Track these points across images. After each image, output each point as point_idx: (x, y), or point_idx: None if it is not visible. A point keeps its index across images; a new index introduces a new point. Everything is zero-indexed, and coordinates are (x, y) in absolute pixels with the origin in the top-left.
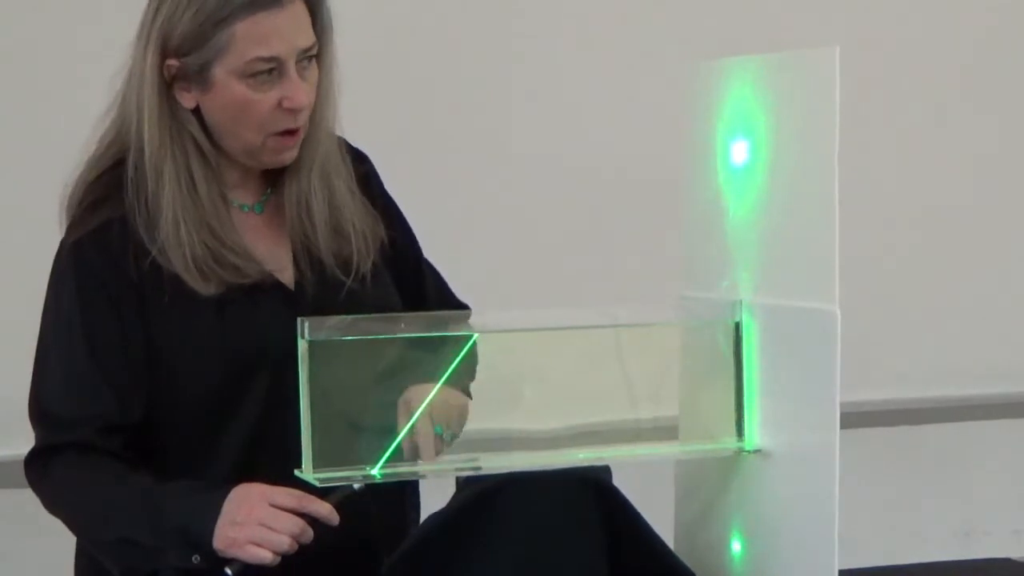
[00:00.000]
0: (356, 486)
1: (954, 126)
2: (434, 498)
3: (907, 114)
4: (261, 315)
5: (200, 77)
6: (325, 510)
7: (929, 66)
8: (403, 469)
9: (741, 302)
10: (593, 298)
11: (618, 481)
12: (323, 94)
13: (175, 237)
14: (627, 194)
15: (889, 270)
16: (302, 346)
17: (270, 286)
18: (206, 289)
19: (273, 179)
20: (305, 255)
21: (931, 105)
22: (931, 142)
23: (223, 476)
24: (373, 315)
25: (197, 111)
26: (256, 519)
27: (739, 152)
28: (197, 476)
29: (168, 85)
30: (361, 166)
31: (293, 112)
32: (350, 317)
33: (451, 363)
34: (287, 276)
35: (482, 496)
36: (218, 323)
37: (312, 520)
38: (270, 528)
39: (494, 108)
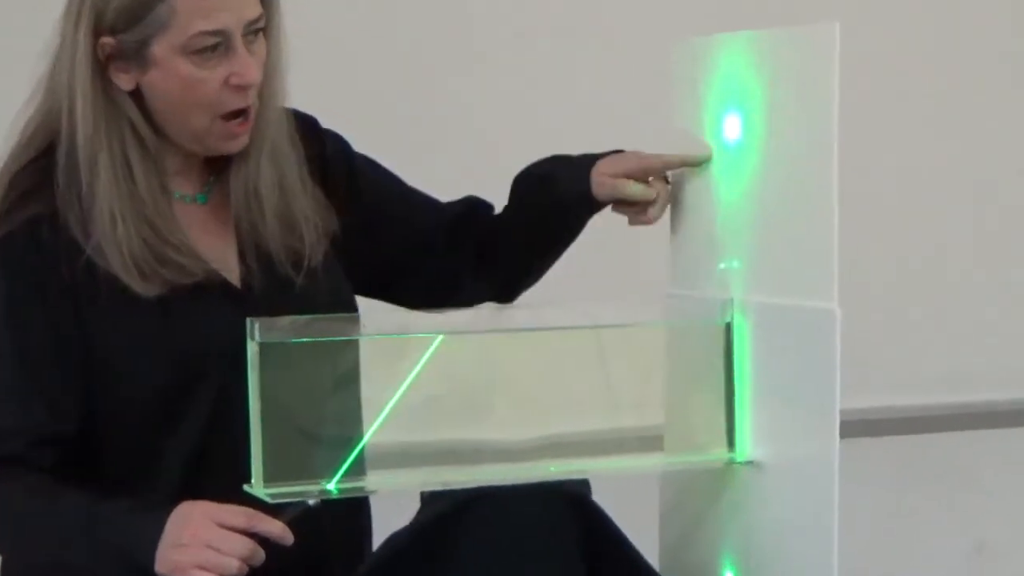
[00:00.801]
0: (311, 502)
1: (963, 113)
2: (393, 513)
3: (912, 101)
4: (207, 316)
5: (139, 56)
6: (277, 529)
7: (939, 48)
8: (361, 483)
9: (732, 300)
10: (570, 296)
11: (597, 496)
12: (272, 70)
13: (112, 234)
14: None
15: (892, 266)
16: (252, 349)
17: (216, 285)
18: (147, 290)
19: (217, 166)
20: (252, 249)
21: (939, 91)
22: (939, 130)
23: (167, 491)
24: (329, 315)
25: (136, 93)
26: (202, 540)
27: (732, 128)
28: (140, 491)
29: (103, 65)
30: (325, 146)
31: (243, 90)
32: (304, 317)
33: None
34: (233, 273)
35: (449, 514)
36: (161, 325)
37: (263, 540)
38: (217, 550)
39: (461, 92)
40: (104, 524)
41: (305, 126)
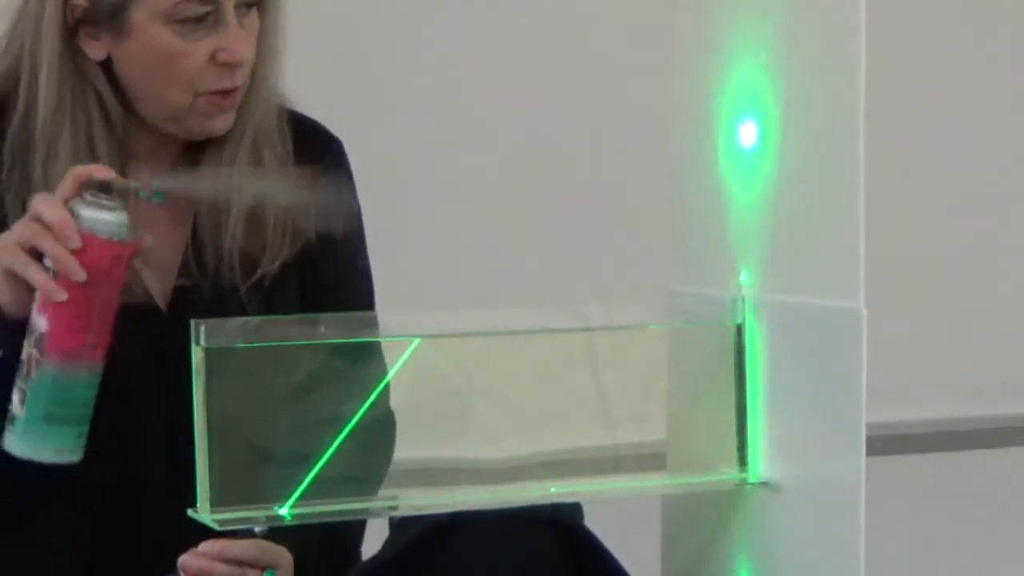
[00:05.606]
0: (258, 529)
1: (1006, 97)
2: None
3: (947, 86)
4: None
5: (114, 22)
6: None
7: (970, 34)
8: (320, 508)
9: (744, 299)
10: (562, 295)
11: (591, 522)
12: (266, 48)
13: None
14: (603, 166)
15: (926, 261)
16: (197, 355)
17: (133, 303)
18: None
19: (190, 155)
20: (202, 250)
21: (975, 75)
22: (976, 113)
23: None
24: (286, 316)
25: (105, 64)
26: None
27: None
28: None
29: (71, 30)
30: (323, 153)
31: (230, 68)
32: (256, 319)
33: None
34: (164, 288)
35: (422, 543)
36: None
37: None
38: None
39: (445, 71)
40: None
41: (313, 143)
